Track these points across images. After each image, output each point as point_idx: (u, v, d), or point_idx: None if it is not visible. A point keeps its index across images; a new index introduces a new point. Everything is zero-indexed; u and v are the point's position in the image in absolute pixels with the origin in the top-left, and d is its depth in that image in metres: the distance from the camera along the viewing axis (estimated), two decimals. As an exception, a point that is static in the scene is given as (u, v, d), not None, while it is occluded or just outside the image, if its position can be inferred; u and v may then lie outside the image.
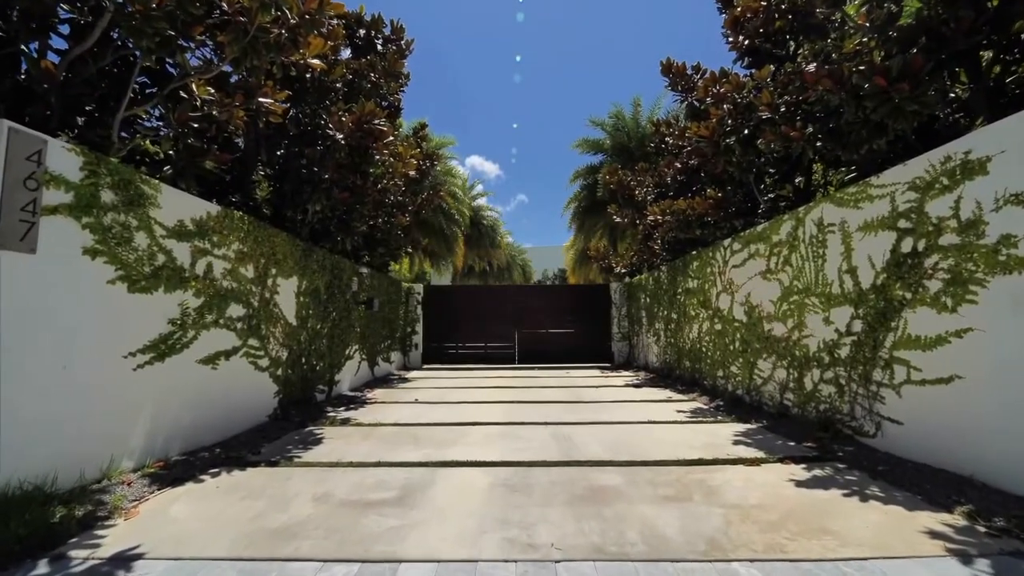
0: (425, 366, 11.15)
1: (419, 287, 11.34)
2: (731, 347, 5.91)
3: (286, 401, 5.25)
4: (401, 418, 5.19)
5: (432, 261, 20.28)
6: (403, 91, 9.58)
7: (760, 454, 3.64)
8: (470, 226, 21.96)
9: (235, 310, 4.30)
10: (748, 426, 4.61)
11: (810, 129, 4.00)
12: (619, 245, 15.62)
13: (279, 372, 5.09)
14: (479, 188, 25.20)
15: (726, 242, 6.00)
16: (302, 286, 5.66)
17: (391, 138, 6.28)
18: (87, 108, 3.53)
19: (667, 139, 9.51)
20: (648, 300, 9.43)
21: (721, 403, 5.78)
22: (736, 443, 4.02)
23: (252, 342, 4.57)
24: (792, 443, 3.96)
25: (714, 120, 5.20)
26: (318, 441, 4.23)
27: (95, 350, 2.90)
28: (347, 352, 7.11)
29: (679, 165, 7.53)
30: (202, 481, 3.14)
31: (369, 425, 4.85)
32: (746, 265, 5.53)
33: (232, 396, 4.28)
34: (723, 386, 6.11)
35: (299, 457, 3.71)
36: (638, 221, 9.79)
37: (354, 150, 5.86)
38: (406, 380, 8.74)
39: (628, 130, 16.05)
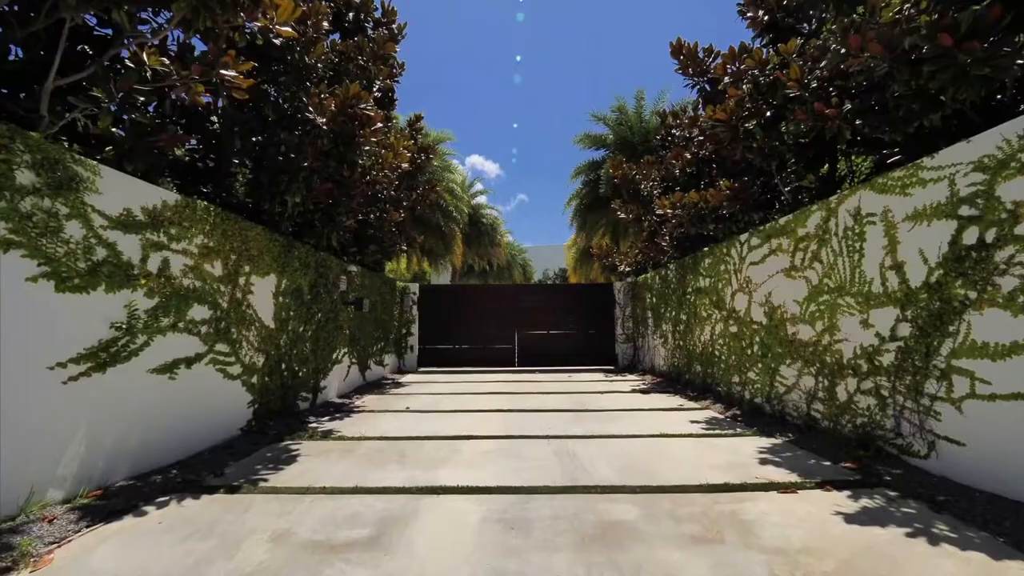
0: (421, 369, 10.68)
1: (414, 286, 10.86)
2: (749, 351, 5.43)
3: (262, 411, 4.78)
4: (388, 430, 4.72)
5: (430, 260, 19.83)
6: (398, 81, 9.13)
7: (794, 477, 3.17)
8: (469, 224, 21.50)
9: (199, 312, 3.83)
10: (773, 440, 4.14)
11: (848, 106, 3.52)
12: (622, 243, 15.15)
13: (254, 380, 4.61)
14: (478, 186, 24.76)
15: (743, 237, 5.52)
16: (282, 285, 5.18)
17: (380, 125, 5.81)
18: (27, 80, 3.07)
19: (674, 131, 9.03)
20: (655, 300, 8.95)
21: (738, 412, 5.30)
22: (763, 462, 3.54)
23: (220, 347, 4.10)
24: (827, 463, 3.49)
25: (732, 102, 4.72)
26: (292, 459, 3.76)
27: (7, 361, 2.42)
28: (335, 356, 6.64)
29: (688, 156, 7.05)
30: (144, 514, 2.67)
31: (352, 439, 4.37)
32: (766, 262, 5.06)
33: (195, 409, 3.81)
34: (739, 393, 5.63)
35: (265, 480, 3.23)
36: (643, 217, 9.32)
37: (338, 137, 5.38)
38: (400, 385, 8.27)
39: (631, 124, 15.57)
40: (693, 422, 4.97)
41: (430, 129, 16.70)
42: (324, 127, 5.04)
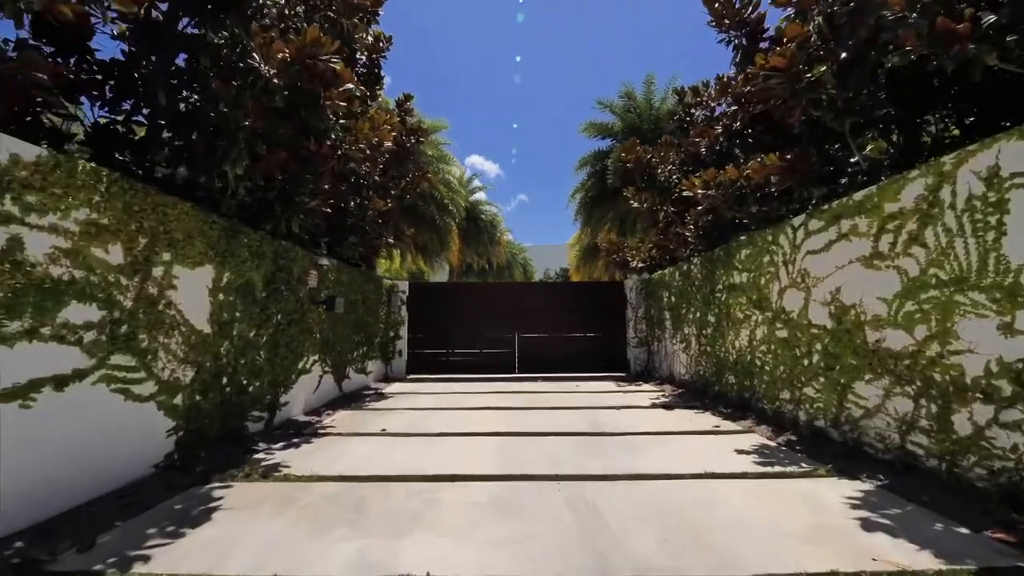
0: (410, 376, 9.63)
1: (403, 284, 9.81)
2: (805, 361, 4.37)
3: (191, 439, 3.73)
4: (352, 464, 3.67)
5: (425, 258, 18.81)
6: (384, 57, 8.16)
7: (932, 559, 2.11)
8: (467, 221, 20.51)
9: (80, 313, 2.79)
10: (860, 485, 3.08)
11: (991, 19, 2.47)
12: (630, 238, 14.10)
13: (176, 401, 3.57)
14: (477, 182, 23.76)
15: (797, 220, 4.47)
16: (223, 279, 4.14)
17: (350, 86, 4.77)
18: None
19: (693, 111, 8.02)
20: (674, 299, 7.90)
21: (794, 438, 4.25)
22: (866, 526, 2.49)
23: (119, 360, 3.05)
24: (963, 529, 2.43)
25: (793, 44, 3.67)
26: (207, 516, 2.71)
27: None
28: (300, 365, 5.60)
29: (720, 128, 6.00)
30: (-95, 644, 1.63)
31: (300, 479, 3.33)
32: (832, 250, 4.01)
33: (73, 446, 2.76)
34: (791, 413, 4.58)
35: (145, 561, 2.19)
36: (658, 207, 8.26)
37: (296, 96, 4.35)
38: (382, 396, 7.22)
39: (640, 111, 14.56)
40: (740, 452, 3.92)
41: (424, 117, 15.66)
42: (274, 80, 4.00)
